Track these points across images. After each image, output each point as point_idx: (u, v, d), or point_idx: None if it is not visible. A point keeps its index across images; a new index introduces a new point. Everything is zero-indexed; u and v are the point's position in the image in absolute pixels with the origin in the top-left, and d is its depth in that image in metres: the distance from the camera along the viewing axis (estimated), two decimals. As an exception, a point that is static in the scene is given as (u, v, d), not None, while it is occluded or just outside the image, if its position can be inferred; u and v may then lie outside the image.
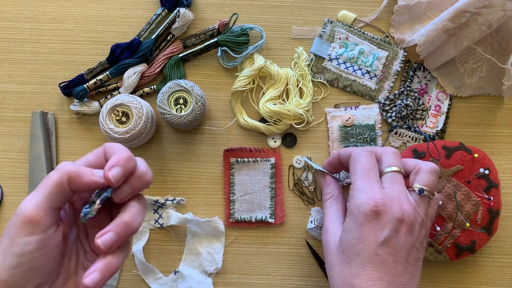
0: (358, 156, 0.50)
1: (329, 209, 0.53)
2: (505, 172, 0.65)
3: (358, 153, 0.51)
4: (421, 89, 0.66)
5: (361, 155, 0.50)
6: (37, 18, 0.67)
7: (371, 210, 0.46)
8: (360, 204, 0.47)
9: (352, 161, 0.51)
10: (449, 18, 0.59)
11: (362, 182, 0.48)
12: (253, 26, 0.65)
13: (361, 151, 0.51)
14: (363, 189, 0.47)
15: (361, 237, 0.46)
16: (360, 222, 0.46)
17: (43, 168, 0.63)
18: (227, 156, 0.64)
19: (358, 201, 0.47)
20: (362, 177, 0.49)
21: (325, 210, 0.53)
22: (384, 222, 0.46)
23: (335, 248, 0.48)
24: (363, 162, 0.50)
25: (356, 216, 0.46)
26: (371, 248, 0.45)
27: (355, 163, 0.50)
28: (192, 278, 0.62)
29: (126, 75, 0.64)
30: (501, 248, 0.64)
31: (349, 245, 0.46)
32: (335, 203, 0.53)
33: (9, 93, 0.66)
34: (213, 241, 0.64)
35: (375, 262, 0.45)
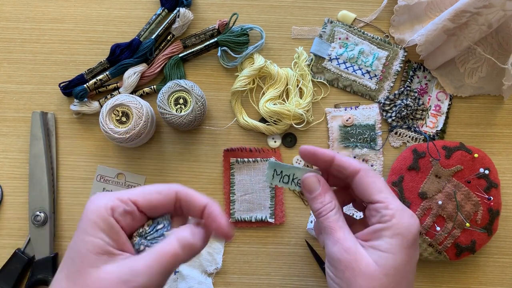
0: (374, 174, 0.46)
1: (338, 222, 0.45)
2: (505, 172, 0.65)
3: (370, 169, 0.46)
4: (421, 89, 0.66)
5: (373, 171, 0.46)
6: (37, 18, 0.67)
7: (419, 230, 0.44)
8: (410, 225, 0.43)
9: (370, 178, 0.45)
10: (449, 18, 0.59)
11: (397, 201, 0.44)
12: (253, 26, 0.65)
13: (368, 167, 0.47)
14: (403, 208, 0.44)
15: (409, 258, 0.43)
16: (410, 243, 0.43)
17: (43, 168, 0.63)
18: (227, 156, 0.64)
19: (407, 222, 0.43)
20: (392, 195, 0.45)
21: (332, 224, 0.44)
22: (418, 240, 0.45)
23: (375, 272, 0.42)
24: (383, 180, 0.46)
25: (407, 238, 0.43)
26: (414, 269, 0.44)
27: (375, 180, 0.45)
28: (192, 278, 0.62)
29: (126, 75, 0.64)
30: (501, 248, 0.64)
31: (398, 269, 0.42)
32: (341, 216, 0.46)
33: (9, 93, 0.66)
34: (213, 241, 0.64)
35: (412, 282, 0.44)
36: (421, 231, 0.60)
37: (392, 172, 0.62)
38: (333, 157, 0.47)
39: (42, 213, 0.62)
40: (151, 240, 0.37)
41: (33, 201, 0.62)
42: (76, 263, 0.35)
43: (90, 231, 0.36)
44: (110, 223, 0.36)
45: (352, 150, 0.65)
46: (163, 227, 0.38)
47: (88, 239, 0.36)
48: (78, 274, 0.35)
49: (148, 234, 0.38)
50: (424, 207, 0.60)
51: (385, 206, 0.44)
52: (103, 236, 0.36)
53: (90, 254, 0.35)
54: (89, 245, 0.35)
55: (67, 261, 0.37)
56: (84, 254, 0.35)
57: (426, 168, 0.61)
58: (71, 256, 0.36)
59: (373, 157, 0.65)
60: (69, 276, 0.35)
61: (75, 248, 0.36)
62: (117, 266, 0.35)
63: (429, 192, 0.61)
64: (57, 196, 0.64)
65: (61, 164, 0.65)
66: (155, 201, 0.38)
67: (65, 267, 0.36)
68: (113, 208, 0.37)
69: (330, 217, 0.45)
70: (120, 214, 0.37)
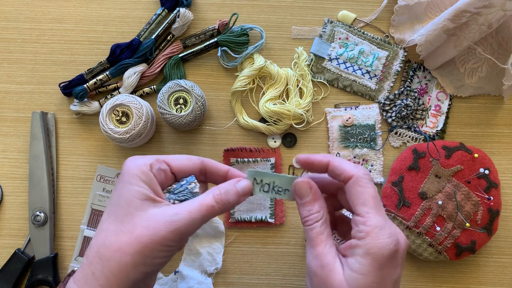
0: (366, 182, 0.43)
1: (322, 235, 0.43)
2: (505, 172, 0.65)
3: (363, 177, 0.43)
4: (421, 89, 0.66)
5: (367, 180, 0.43)
6: (37, 18, 0.67)
7: (394, 250, 0.41)
8: (383, 245, 0.41)
9: (358, 187, 0.43)
10: (449, 18, 0.59)
11: (378, 217, 0.42)
12: (253, 26, 0.65)
13: (364, 174, 0.43)
14: (381, 226, 0.41)
15: (381, 280, 0.41)
16: (381, 264, 0.40)
17: (43, 168, 0.63)
18: (227, 156, 0.64)
19: (380, 242, 0.41)
20: (377, 210, 0.42)
21: (315, 237, 0.43)
22: (398, 259, 0.42)
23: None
24: (373, 190, 0.43)
25: (378, 259, 0.40)
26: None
27: (363, 191, 0.43)
28: (192, 278, 0.62)
29: (126, 75, 0.64)
30: (501, 248, 0.64)
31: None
32: (326, 228, 0.44)
33: (9, 93, 0.66)
34: (213, 241, 0.64)
35: None
36: (421, 231, 0.60)
37: (392, 172, 0.62)
38: (327, 162, 0.45)
39: (42, 213, 0.62)
40: (178, 194, 0.43)
41: (33, 201, 0.62)
42: (124, 208, 0.40)
43: (134, 182, 0.41)
44: (149, 176, 0.41)
45: (352, 150, 0.65)
46: (186, 182, 0.44)
47: (133, 188, 0.41)
48: (127, 216, 0.40)
49: (175, 189, 0.43)
50: (424, 207, 0.60)
51: (363, 221, 0.42)
52: (145, 186, 0.41)
53: (136, 200, 0.40)
54: (134, 192, 0.40)
55: (113, 209, 0.41)
56: (130, 200, 0.40)
57: (426, 168, 0.61)
58: (117, 204, 0.41)
59: (373, 157, 0.65)
60: (117, 219, 0.40)
61: (121, 197, 0.41)
62: (162, 210, 0.40)
63: (429, 192, 0.61)
64: (57, 196, 0.64)
65: (61, 164, 0.65)
66: (184, 165, 0.44)
67: (112, 214, 0.40)
68: (151, 165, 0.42)
69: (315, 229, 0.44)
70: (157, 171, 0.42)
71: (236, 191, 0.43)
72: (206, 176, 0.46)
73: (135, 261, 0.38)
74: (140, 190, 0.41)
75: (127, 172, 0.42)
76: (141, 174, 0.41)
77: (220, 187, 0.43)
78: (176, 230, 0.39)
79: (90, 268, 0.39)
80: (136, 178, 0.41)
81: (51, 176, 0.64)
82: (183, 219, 0.40)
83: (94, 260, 0.39)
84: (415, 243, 0.60)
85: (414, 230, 0.60)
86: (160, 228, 0.39)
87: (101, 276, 0.39)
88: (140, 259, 0.39)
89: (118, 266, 0.38)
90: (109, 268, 0.38)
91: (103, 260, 0.39)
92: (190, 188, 0.44)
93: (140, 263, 0.39)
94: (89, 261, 0.39)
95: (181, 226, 0.40)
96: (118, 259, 0.38)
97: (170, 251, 0.41)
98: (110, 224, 0.40)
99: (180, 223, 0.40)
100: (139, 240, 0.39)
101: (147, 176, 0.41)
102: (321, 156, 0.46)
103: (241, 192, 0.44)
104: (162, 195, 0.42)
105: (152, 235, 0.39)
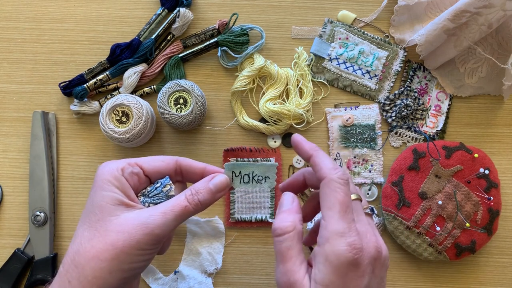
0: (336, 186, 0.41)
1: (292, 250, 0.41)
2: (505, 172, 0.65)
3: (337, 181, 0.41)
4: (421, 89, 0.66)
5: (342, 184, 0.41)
6: (37, 18, 0.67)
7: (353, 258, 0.38)
8: (340, 253, 0.38)
9: (328, 189, 0.41)
10: (449, 18, 0.59)
11: (341, 223, 0.39)
12: (253, 26, 0.66)
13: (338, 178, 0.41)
14: (342, 232, 0.39)
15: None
16: (342, 273, 0.39)
17: (44, 168, 0.63)
18: (227, 156, 0.64)
19: (338, 249, 0.38)
20: (341, 215, 0.40)
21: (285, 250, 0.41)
22: (364, 267, 0.39)
23: None
24: (342, 195, 0.40)
25: (336, 266, 0.39)
26: None
27: (332, 194, 0.40)
28: (192, 278, 0.62)
29: (126, 75, 0.64)
30: (501, 248, 0.64)
31: None
32: (297, 242, 0.41)
33: (9, 93, 0.66)
34: (213, 241, 0.64)
35: None
36: (421, 231, 0.60)
37: (392, 172, 0.62)
38: (310, 156, 0.44)
39: (42, 213, 0.62)
40: (153, 197, 0.43)
41: (33, 201, 0.62)
42: (97, 214, 0.40)
43: (106, 187, 0.41)
44: (121, 180, 0.41)
45: (352, 150, 0.65)
46: (160, 185, 0.43)
47: (105, 194, 0.40)
48: (100, 222, 0.40)
49: (150, 192, 0.43)
50: (424, 207, 0.60)
51: (325, 225, 0.40)
52: (117, 190, 0.41)
53: (108, 205, 0.40)
54: (107, 198, 0.40)
55: (86, 215, 0.41)
56: (103, 205, 0.40)
57: (426, 168, 0.61)
58: (91, 210, 0.40)
59: (373, 157, 0.65)
60: (91, 226, 0.40)
61: (94, 203, 0.41)
62: (136, 213, 0.40)
63: (429, 192, 0.61)
64: (57, 196, 0.64)
65: (61, 164, 0.65)
66: (158, 167, 0.44)
67: (86, 221, 0.40)
68: (123, 169, 0.42)
69: (284, 241, 0.41)
70: (129, 174, 0.42)
71: (209, 189, 0.43)
72: (183, 175, 0.46)
73: (111, 268, 0.38)
74: (112, 195, 0.40)
75: (99, 178, 0.41)
76: (113, 179, 0.41)
77: (193, 187, 0.43)
78: (151, 233, 0.39)
79: (67, 276, 0.39)
80: (107, 184, 0.41)
81: (52, 176, 0.64)
82: (157, 221, 0.40)
83: (70, 268, 0.39)
84: (415, 243, 0.60)
85: (414, 230, 0.60)
86: (134, 232, 0.39)
87: (77, 285, 0.38)
88: (116, 265, 0.38)
89: (94, 274, 0.38)
90: (85, 276, 0.38)
91: (78, 268, 0.38)
92: (165, 190, 0.43)
93: (117, 269, 0.38)
94: (65, 269, 0.39)
95: (155, 229, 0.39)
96: (94, 267, 0.38)
97: (147, 255, 0.40)
98: (84, 231, 0.40)
99: (154, 226, 0.39)
100: (114, 246, 0.38)
101: (119, 181, 0.41)
102: (308, 146, 0.45)
103: (215, 189, 0.43)
104: (135, 199, 0.42)
105: (126, 240, 0.39)
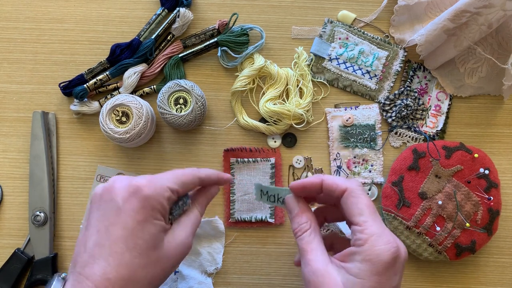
0: (358, 192, 0.45)
1: (312, 243, 0.46)
2: (505, 172, 0.65)
3: (356, 188, 0.46)
4: (421, 89, 0.66)
5: (360, 190, 0.46)
6: (37, 18, 0.67)
7: (393, 257, 0.42)
8: (381, 251, 0.42)
9: (353, 198, 0.45)
10: (449, 18, 0.59)
11: (375, 225, 0.44)
12: (253, 26, 0.66)
13: (357, 186, 0.46)
14: (379, 233, 0.43)
15: (378, 285, 0.42)
16: (380, 270, 0.42)
17: (44, 168, 0.63)
18: (227, 156, 0.64)
19: (378, 248, 0.42)
20: (373, 218, 0.44)
21: (306, 245, 0.46)
22: (398, 266, 0.43)
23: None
24: (366, 200, 0.45)
25: (376, 264, 0.42)
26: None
27: (358, 201, 0.45)
28: (192, 278, 0.62)
29: (126, 75, 0.64)
30: (501, 248, 0.64)
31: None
32: (315, 236, 0.46)
33: (9, 93, 0.66)
34: (213, 241, 0.64)
35: None
36: (421, 231, 0.60)
37: (392, 172, 0.62)
38: (321, 182, 0.48)
39: (42, 213, 0.62)
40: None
41: (33, 201, 0.62)
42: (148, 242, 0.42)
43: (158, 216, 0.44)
44: (167, 208, 0.45)
45: (352, 150, 0.65)
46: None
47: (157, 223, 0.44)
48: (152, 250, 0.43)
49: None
50: (424, 207, 0.60)
51: (361, 229, 0.43)
52: (162, 218, 0.44)
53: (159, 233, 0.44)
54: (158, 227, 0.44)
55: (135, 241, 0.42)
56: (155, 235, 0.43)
57: (426, 168, 0.61)
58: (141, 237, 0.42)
59: (373, 157, 0.65)
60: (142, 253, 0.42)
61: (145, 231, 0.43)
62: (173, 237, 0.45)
63: (429, 192, 0.61)
64: (57, 196, 0.64)
65: (61, 164, 0.65)
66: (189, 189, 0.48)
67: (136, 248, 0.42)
68: (169, 198, 0.45)
69: (304, 238, 0.46)
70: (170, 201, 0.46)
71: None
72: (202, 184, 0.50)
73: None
74: (161, 224, 0.44)
75: (149, 204, 0.43)
76: (162, 209, 0.44)
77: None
78: (187, 252, 0.46)
79: None
80: (158, 213, 0.44)
81: (52, 176, 0.64)
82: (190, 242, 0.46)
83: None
84: (415, 243, 0.60)
85: (414, 230, 0.60)
86: (179, 257, 0.45)
87: None
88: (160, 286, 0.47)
89: None
90: None
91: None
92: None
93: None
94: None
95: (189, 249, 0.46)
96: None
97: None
98: (135, 258, 0.42)
99: (188, 241, 0.46)
100: (164, 271, 0.44)
101: (165, 210, 0.45)
102: (313, 177, 0.48)
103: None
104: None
105: (174, 265, 0.45)
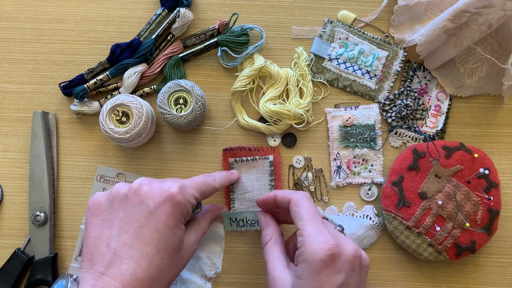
0: (300, 201, 0.50)
1: (271, 254, 0.51)
2: (505, 172, 0.65)
3: (299, 197, 0.51)
4: (421, 89, 0.66)
5: (302, 199, 0.50)
6: (37, 18, 0.67)
7: (327, 255, 0.45)
8: (315, 250, 0.45)
9: (295, 206, 0.50)
10: (449, 18, 0.59)
11: (311, 227, 0.47)
12: (253, 26, 0.66)
13: (300, 195, 0.51)
14: (314, 234, 0.47)
15: (319, 284, 0.44)
16: (317, 269, 0.44)
17: (44, 168, 0.63)
18: (226, 156, 0.64)
19: (312, 248, 0.45)
20: (310, 221, 0.48)
21: (266, 256, 0.52)
22: (340, 264, 0.45)
23: None
24: (307, 206, 0.50)
25: (312, 263, 0.45)
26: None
27: (299, 208, 0.50)
28: (192, 283, 0.62)
29: (126, 75, 0.64)
30: (501, 248, 0.64)
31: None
32: (276, 246, 0.52)
33: (9, 93, 0.66)
34: (213, 246, 0.63)
35: None
36: (421, 231, 0.60)
37: (392, 172, 0.62)
38: (274, 196, 0.54)
39: (42, 213, 0.62)
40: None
41: (33, 201, 0.62)
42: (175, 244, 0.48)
43: (183, 220, 0.49)
44: (190, 214, 0.50)
45: (352, 150, 0.65)
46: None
47: (182, 227, 0.49)
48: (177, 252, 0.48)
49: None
50: (424, 207, 0.60)
51: (300, 232, 0.48)
52: (184, 222, 0.50)
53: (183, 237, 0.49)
54: (183, 231, 0.49)
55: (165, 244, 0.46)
56: (181, 238, 0.49)
57: (426, 168, 0.61)
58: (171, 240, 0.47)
59: (373, 157, 0.65)
60: (170, 255, 0.47)
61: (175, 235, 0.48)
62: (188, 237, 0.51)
63: (429, 192, 0.61)
64: (57, 196, 0.64)
65: (61, 164, 0.65)
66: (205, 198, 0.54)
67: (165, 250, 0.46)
68: (193, 205, 0.50)
69: (266, 249, 0.52)
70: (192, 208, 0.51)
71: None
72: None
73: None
74: (184, 228, 0.50)
75: (179, 210, 0.48)
76: (187, 214, 0.49)
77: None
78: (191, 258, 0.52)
79: None
80: (182, 219, 0.49)
81: (52, 176, 0.64)
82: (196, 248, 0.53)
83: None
84: (415, 243, 0.60)
85: (414, 230, 0.60)
86: (189, 259, 0.51)
87: None
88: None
89: None
90: None
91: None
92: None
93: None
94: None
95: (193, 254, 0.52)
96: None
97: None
98: (163, 259, 0.46)
99: (194, 252, 0.52)
100: (180, 272, 0.50)
101: (189, 215, 0.50)
102: (270, 193, 0.56)
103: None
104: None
105: (185, 265, 0.50)
